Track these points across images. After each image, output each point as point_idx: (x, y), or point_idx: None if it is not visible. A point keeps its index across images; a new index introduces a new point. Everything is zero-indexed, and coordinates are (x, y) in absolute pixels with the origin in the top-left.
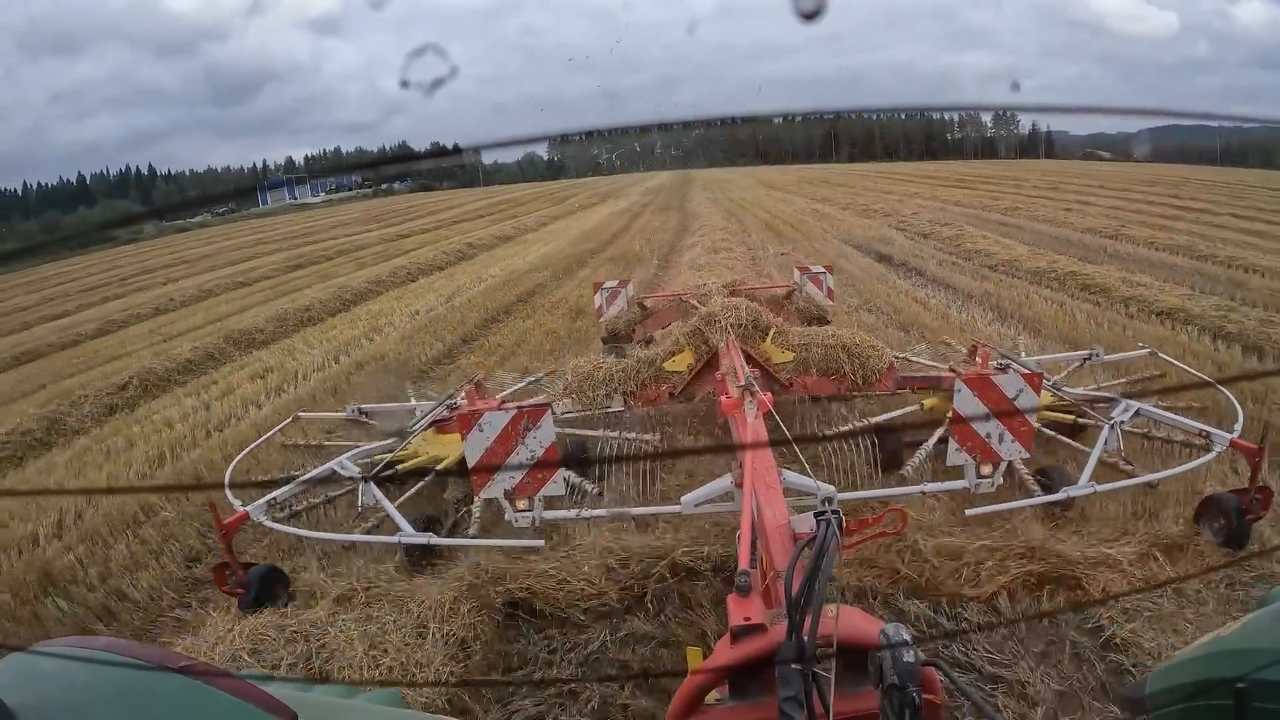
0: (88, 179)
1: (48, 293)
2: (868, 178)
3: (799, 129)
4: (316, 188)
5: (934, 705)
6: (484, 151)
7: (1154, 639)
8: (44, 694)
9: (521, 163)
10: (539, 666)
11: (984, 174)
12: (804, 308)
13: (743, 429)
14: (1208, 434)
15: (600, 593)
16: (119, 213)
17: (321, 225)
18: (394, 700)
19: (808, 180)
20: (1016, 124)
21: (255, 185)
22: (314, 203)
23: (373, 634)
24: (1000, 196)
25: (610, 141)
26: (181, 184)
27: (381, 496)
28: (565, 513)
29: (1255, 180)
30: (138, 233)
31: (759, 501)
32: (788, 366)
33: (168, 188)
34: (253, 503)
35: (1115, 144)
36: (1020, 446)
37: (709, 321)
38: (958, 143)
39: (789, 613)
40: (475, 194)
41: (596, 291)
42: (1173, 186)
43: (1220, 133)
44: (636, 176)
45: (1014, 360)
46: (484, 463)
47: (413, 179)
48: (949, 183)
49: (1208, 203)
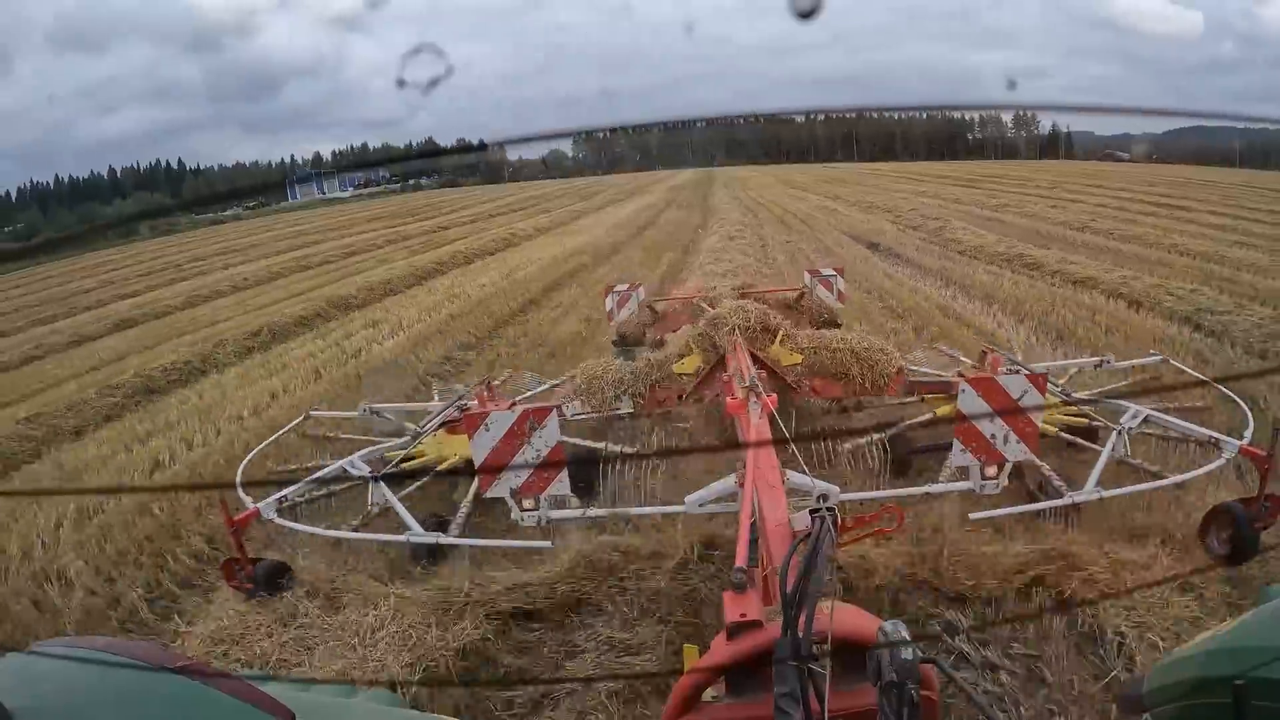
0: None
1: (103, 278)
2: (884, 177)
3: (821, 128)
4: (345, 183)
5: (930, 702)
6: (508, 147)
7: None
8: (42, 695)
9: (546, 159)
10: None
11: (995, 174)
12: (814, 311)
13: (747, 430)
14: (1217, 440)
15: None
16: (153, 205)
17: (357, 219)
18: (391, 700)
19: (826, 179)
20: (1037, 125)
21: (284, 179)
22: (344, 197)
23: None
24: (999, 195)
25: (632, 139)
26: (210, 178)
27: (390, 495)
28: (571, 512)
29: (1262, 182)
30: (175, 224)
31: (760, 501)
32: (796, 369)
33: (197, 181)
34: (263, 500)
35: (1134, 145)
36: (1025, 447)
37: (716, 324)
38: (979, 143)
39: (785, 609)
40: (505, 189)
41: (607, 295)
42: (1171, 186)
43: (1243, 134)
44: (661, 174)
45: (1024, 367)
46: (490, 462)
47: (439, 175)
48: (959, 182)
49: (1195, 201)
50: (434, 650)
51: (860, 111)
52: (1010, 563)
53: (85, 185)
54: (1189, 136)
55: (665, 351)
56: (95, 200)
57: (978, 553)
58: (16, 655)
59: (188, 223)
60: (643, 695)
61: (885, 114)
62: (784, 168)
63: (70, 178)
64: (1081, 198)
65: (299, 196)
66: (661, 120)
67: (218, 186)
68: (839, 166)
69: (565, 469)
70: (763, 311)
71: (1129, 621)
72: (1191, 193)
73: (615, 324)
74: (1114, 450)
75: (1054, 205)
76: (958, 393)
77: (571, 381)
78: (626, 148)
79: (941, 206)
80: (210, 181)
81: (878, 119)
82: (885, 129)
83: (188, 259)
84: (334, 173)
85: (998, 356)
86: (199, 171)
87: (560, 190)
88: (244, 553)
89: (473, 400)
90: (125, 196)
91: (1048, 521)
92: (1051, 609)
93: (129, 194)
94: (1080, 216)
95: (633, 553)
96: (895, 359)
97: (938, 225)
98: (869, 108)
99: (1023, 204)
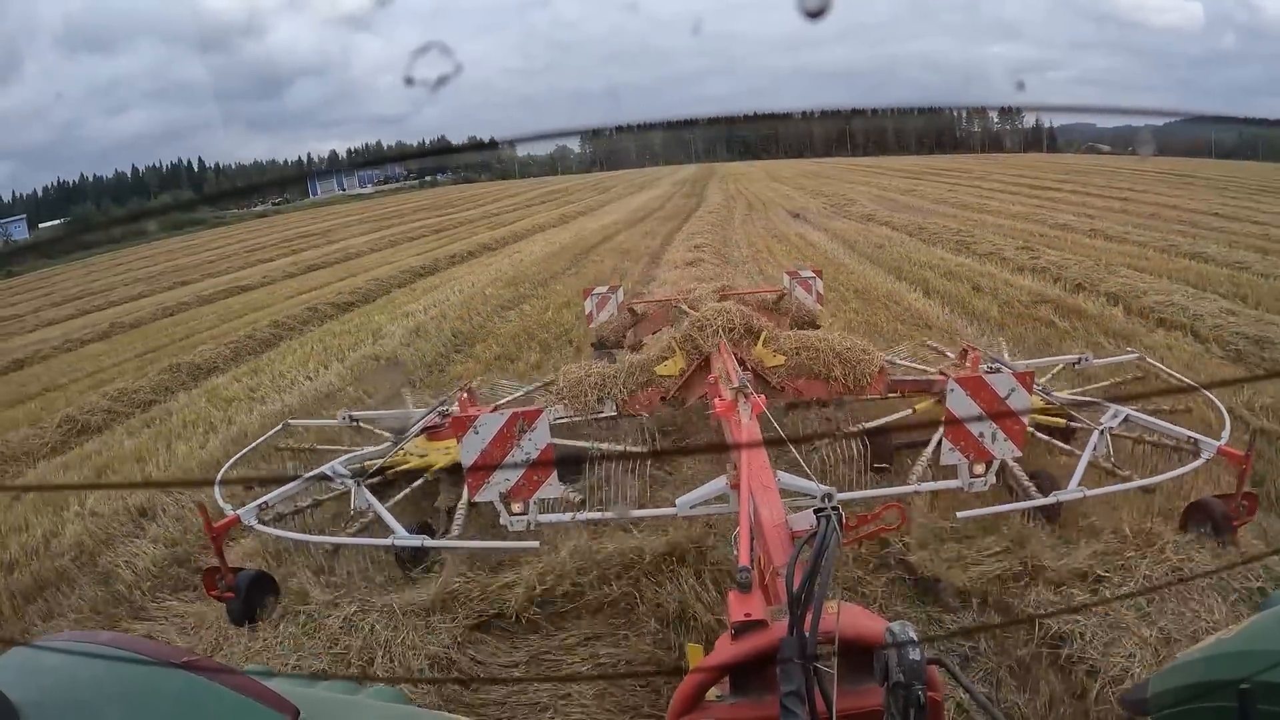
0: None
1: (158, 269)
2: (858, 171)
3: (818, 125)
4: (364, 179)
5: (935, 703)
6: (518, 144)
7: None
8: (47, 689)
9: (554, 155)
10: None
11: (957, 168)
12: (794, 312)
13: (737, 432)
14: (1195, 441)
15: None
16: (185, 198)
17: (402, 210)
18: (396, 697)
19: (804, 174)
20: (1021, 119)
21: (304, 175)
22: (366, 193)
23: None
24: (932, 184)
25: (636, 137)
26: (230, 176)
27: (374, 500)
28: (561, 515)
29: (1226, 172)
30: (221, 217)
31: (755, 501)
32: (779, 370)
33: (219, 179)
34: (243, 507)
35: (1116, 139)
36: (1013, 445)
37: (701, 326)
38: (966, 138)
39: (790, 608)
40: (522, 184)
41: (586, 297)
42: (1127, 178)
43: (1230, 129)
44: (664, 170)
45: (1003, 363)
46: (479, 466)
47: (453, 172)
48: (914, 175)
49: (1139, 191)
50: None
51: (857, 110)
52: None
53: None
54: (1185, 131)
55: (647, 354)
56: (136, 195)
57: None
58: (21, 649)
59: (233, 216)
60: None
61: (880, 112)
62: (777, 163)
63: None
64: (1014, 189)
65: (319, 193)
66: (665, 120)
67: (238, 183)
68: (825, 162)
69: (555, 472)
70: (746, 313)
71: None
72: (1136, 183)
73: (595, 326)
74: (1095, 450)
75: (951, 189)
76: (940, 391)
77: (552, 386)
78: (631, 145)
79: (873, 193)
80: (230, 179)
81: (872, 116)
82: (879, 125)
83: (249, 249)
84: (353, 170)
85: (978, 353)
86: (219, 170)
87: (575, 185)
88: (223, 560)
89: (453, 406)
90: (150, 196)
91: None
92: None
93: (154, 194)
94: (985, 200)
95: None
96: (877, 358)
97: (847, 203)
98: (867, 106)
99: (944, 193)
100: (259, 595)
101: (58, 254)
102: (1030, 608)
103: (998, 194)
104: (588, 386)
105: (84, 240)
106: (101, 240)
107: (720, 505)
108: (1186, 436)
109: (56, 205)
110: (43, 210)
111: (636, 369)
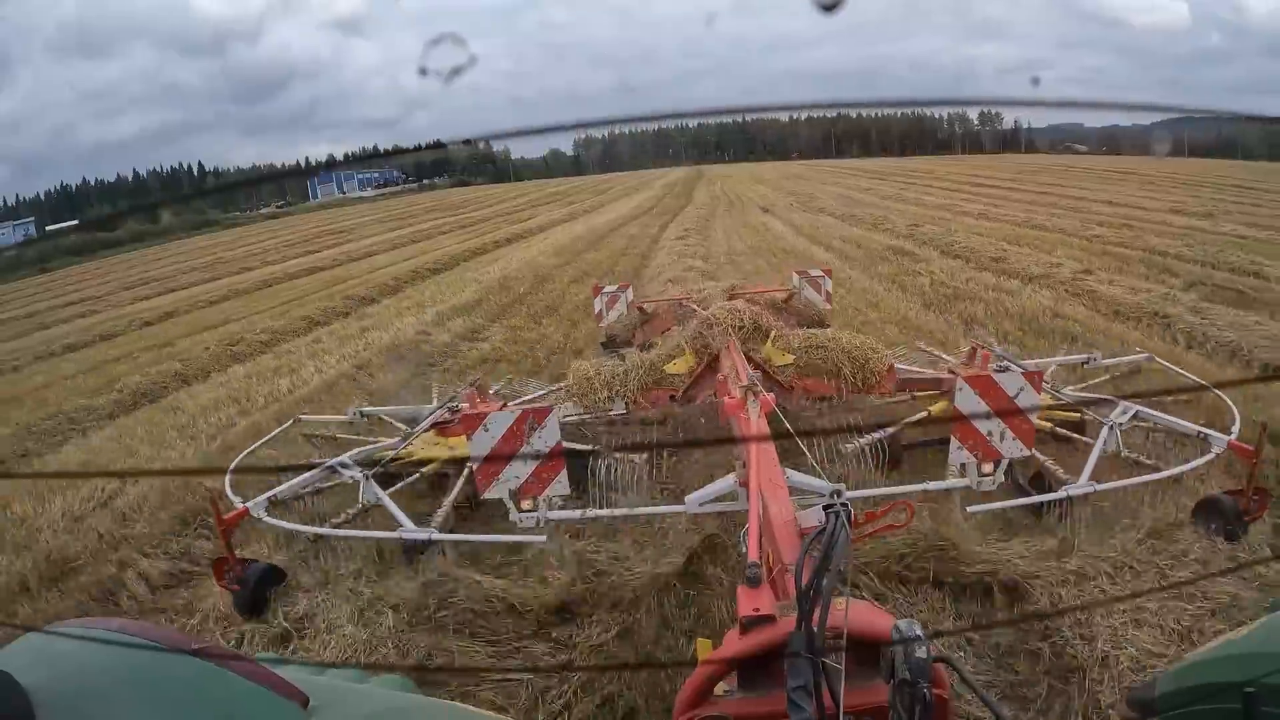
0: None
1: (185, 264)
2: (836, 174)
3: (804, 127)
4: (363, 183)
5: (942, 700)
6: (510, 145)
7: None
8: (58, 674)
9: (547, 158)
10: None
11: (917, 169)
12: (803, 311)
13: (746, 429)
14: (1205, 436)
15: None
16: (188, 189)
17: (413, 211)
18: (404, 686)
19: (786, 175)
20: (999, 120)
21: (308, 172)
22: (366, 196)
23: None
24: (895, 185)
25: (630, 139)
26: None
27: (382, 493)
28: (570, 513)
29: (1194, 171)
30: (234, 219)
31: (765, 498)
32: (788, 369)
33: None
34: (253, 499)
35: (1089, 138)
36: (1021, 444)
37: (710, 325)
38: (948, 140)
39: (799, 604)
40: (518, 187)
41: (596, 296)
42: (1080, 176)
43: (1209, 126)
44: (656, 172)
45: (1012, 362)
46: (489, 459)
47: (450, 175)
48: (879, 176)
49: (1096, 189)
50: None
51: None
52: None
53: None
54: (1169, 129)
55: (656, 352)
56: (138, 198)
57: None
58: (33, 635)
59: (245, 219)
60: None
61: (863, 113)
62: (763, 165)
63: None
64: (975, 188)
65: (319, 196)
66: (654, 114)
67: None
68: (809, 164)
69: (564, 469)
70: (755, 312)
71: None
72: (1093, 182)
73: (605, 325)
74: (1105, 445)
75: (903, 188)
76: (951, 389)
77: (563, 384)
78: (625, 147)
79: (837, 192)
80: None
81: (856, 117)
82: (862, 127)
83: (273, 247)
84: (352, 173)
85: (987, 352)
86: (218, 174)
87: (572, 187)
88: (232, 552)
89: (463, 403)
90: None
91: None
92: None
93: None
94: (908, 194)
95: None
96: (886, 357)
97: (810, 200)
98: (851, 103)
99: (891, 190)
100: (266, 587)
101: (83, 251)
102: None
103: (938, 191)
104: (598, 384)
105: (102, 238)
106: (143, 234)
107: (730, 503)
108: (1196, 431)
109: (60, 208)
110: (47, 214)
111: (646, 367)
